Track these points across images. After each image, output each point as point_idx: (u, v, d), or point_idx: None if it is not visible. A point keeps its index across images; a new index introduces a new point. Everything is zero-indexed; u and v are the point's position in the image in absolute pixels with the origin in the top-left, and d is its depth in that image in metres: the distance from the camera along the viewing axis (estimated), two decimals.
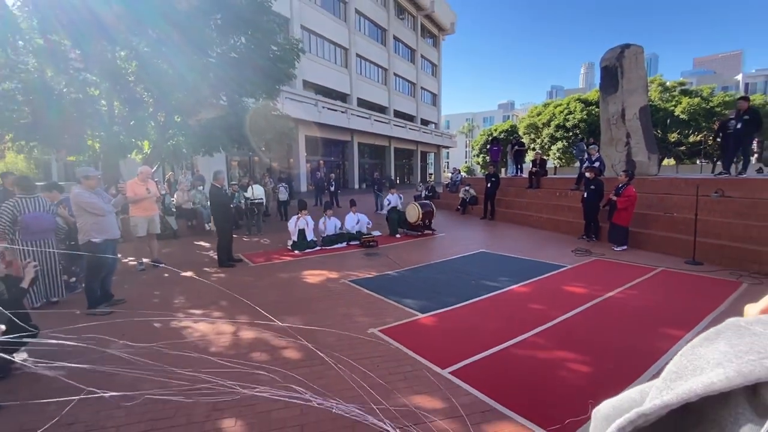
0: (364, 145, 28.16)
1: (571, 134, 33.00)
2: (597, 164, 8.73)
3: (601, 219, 8.03)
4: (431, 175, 41.56)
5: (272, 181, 13.94)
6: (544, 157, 13.89)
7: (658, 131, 29.25)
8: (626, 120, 9.64)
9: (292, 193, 13.89)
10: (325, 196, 14.88)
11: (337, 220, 8.58)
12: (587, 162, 9.09)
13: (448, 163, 65.78)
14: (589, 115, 31.62)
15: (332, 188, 15.36)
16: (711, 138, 27.82)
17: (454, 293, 4.86)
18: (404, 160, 35.60)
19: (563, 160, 34.51)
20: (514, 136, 31.16)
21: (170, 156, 10.87)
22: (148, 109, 9.59)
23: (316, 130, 21.60)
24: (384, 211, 10.24)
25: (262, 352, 3.30)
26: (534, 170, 12.07)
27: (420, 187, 16.36)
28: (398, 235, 9.27)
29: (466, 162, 67.37)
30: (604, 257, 6.74)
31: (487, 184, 11.71)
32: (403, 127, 31.16)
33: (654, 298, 4.59)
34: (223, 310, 4.41)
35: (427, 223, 9.51)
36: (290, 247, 7.74)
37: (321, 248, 7.87)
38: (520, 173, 14.57)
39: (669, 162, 33.21)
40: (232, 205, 8.26)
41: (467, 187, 13.74)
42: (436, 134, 37.99)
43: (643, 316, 4.01)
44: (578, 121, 32.32)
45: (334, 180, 16.05)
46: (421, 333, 3.74)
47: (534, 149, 31.67)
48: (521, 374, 2.92)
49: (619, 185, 7.43)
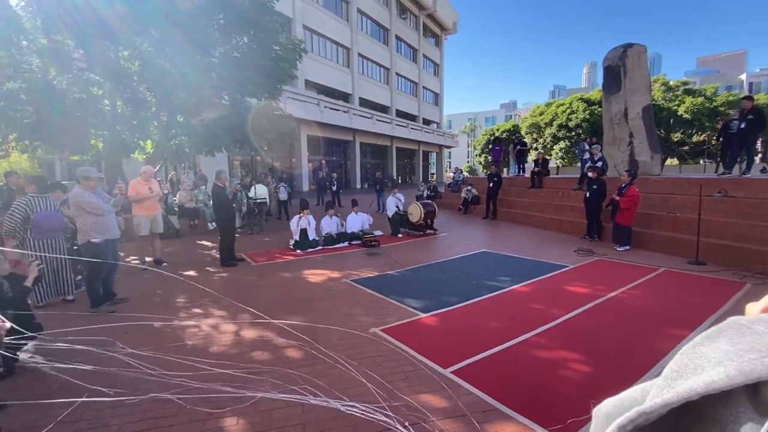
0: (366, 144, 28.17)
1: (573, 134, 32.90)
2: (600, 164, 8.73)
3: (604, 219, 8.00)
4: (433, 174, 41.50)
5: (274, 181, 13.97)
6: (547, 157, 13.86)
7: (662, 131, 29.14)
8: (629, 119, 9.60)
9: (293, 192, 13.90)
10: (327, 196, 14.90)
11: (339, 220, 8.60)
12: (590, 162, 9.07)
13: (450, 163, 65.71)
14: (592, 115, 31.53)
15: (335, 188, 15.39)
16: (715, 138, 27.69)
17: (456, 293, 4.85)
18: (406, 160, 35.59)
19: (566, 160, 34.39)
20: (516, 136, 31.17)
21: (173, 155, 10.90)
22: (151, 109, 9.63)
23: (318, 130, 21.63)
24: (386, 212, 10.26)
25: (263, 351, 3.31)
26: (536, 170, 12.04)
27: (422, 187, 16.34)
28: (400, 235, 9.28)
29: (468, 162, 67.33)
30: (607, 257, 6.71)
31: (489, 184, 11.71)
32: (405, 126, 31.15)
33: (656, 298, 4.57)
34: (226, 309, 4.42)
35: (429, 223, 9.50)
36: (292, 247, 7.75)
37: (323, 248, 7.88)
38: (522, 173, 14.54)
39: (672, 162, 33.05)
40: (233, 205, 8.28)
41: (469, 187, 13.72)
42: (438, 134, 37.97)
43: (646, 316, 4.00)
44: (581, 121, 32.22)
45: (336, 180, 16.07)
46: (423, 332, 3.74)
47: (536, 149, 31.54)
48: (523, 374, 2.91)
49: (622, 185, 7.41)
